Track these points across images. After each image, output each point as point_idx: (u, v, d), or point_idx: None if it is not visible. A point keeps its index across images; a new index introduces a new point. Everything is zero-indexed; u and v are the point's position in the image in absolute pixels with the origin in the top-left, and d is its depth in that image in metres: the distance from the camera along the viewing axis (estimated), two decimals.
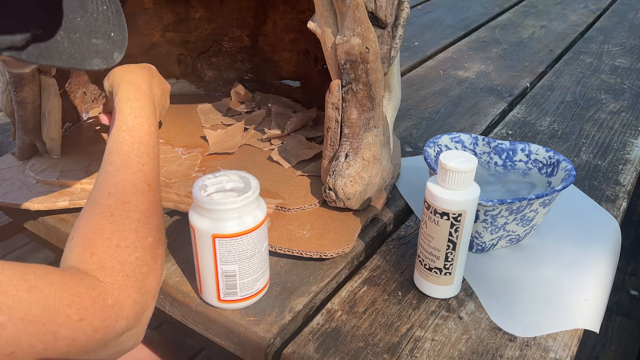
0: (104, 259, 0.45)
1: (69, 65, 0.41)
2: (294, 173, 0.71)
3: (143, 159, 0.55)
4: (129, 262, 0.46)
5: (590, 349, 1.35)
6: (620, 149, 0.87)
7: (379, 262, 0.61)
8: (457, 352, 0.50)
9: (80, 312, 0.40)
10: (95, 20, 0.43)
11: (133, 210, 0.49)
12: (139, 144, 0.56)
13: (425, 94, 1.08)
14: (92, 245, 0.46)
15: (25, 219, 0.68)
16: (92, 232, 0.47)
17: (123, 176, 0.52)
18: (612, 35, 1.43)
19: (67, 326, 0.39)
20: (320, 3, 0.57)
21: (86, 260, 0.45)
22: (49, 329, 0.38)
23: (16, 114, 0.69)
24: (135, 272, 0.46)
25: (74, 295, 0.40)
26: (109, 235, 0.47)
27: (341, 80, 0.59)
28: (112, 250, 0.46)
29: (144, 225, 0.49)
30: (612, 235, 0.66)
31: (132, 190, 0.51)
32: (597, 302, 0.56)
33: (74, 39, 0.41)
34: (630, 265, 1.60)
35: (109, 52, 0.43)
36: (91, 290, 0.42)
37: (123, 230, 0.48)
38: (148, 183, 0.53)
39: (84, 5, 0.42)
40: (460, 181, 0.50)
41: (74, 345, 0.40)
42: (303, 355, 0.49)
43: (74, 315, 0.40)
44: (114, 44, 0.44)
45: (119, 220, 0.48)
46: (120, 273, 0.45)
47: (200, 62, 0.95)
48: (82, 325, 0.40)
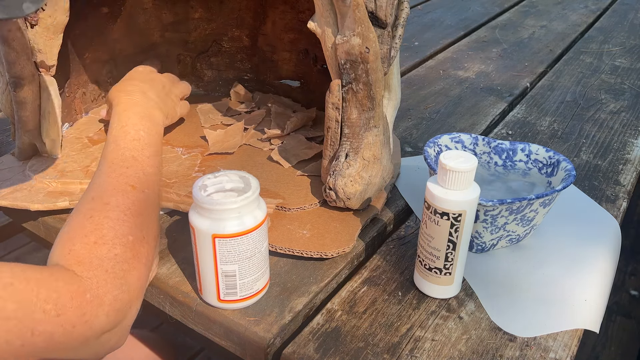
0: (82, 255, 0.46)
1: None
2: (294, 173, 0.71)
3: (127, 162, 0.56)
4: (107, 259, 0.46)
5: (590, 349, 1.35)
6: (620, 149, 0.87)
7: (379, 262, 0.61)
8: (457, 352, 0.50)
9: (58, 308, 0.40)
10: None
11: (112, 210, 0.50)
12: (123, 150, 0.58)
13: (425, 94, 1.08)
14: (71, 243, 0.47)
15: (25, 219, 0.68)
16: (72, 231, 0.48)
17: (105, 179, 0.54)
18: (612, 35, 1.43)
19: (44, 322, 0.40)
20: (320, 3, 0.57)
21: (65, 256, 0.46)
22: (26, 324, 0.38)
23: (16, 114, 0.69)
24: (115, 269, 0.46)
25: (51, 291, 0.41)
26: (87, 233, 0.48)
27: (341, 80, 0.59)
28: (90, 247, 0.46)
29: (124, 223, 0.50)
30: (612, 235, 0.66)
31: (112, 192, 0.52)
32: (597, 302, 0.56)
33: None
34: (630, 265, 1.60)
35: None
36: (69, 285, 0.42)
37: (102, 228, 0.48)
38: (131, 184, 0.54)
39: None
40: (460, 181, 0.50)
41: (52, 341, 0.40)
42: (303, 355, 0.49)
43: (51, 311, 0.40)
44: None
45: (98, 220, 0.49)
46: (98, 268, 0.45)
47: (200, 62, 0.95)
48: (60, 320, 0.41)
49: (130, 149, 0.58)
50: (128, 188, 0.53)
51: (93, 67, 0.82)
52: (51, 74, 0.68)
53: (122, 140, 0.59)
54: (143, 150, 0.59)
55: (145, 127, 0.62)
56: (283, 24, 0.88)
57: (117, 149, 0.58)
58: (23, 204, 0.64)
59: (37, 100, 0.68)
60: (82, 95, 0.82)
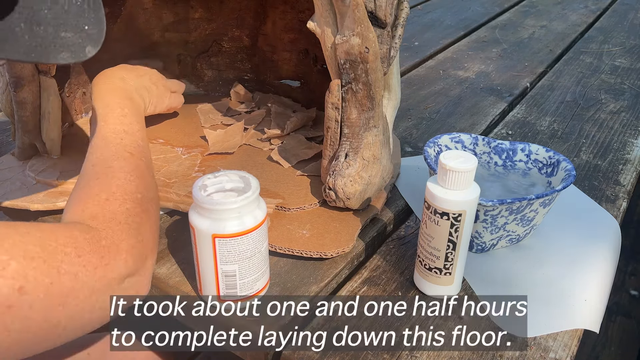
0: (95, 211, 0.47)
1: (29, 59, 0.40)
2: (293, 173, 0.71)
3: (120, 135, 0.57)
4: (120, 212, 0.48)
5: (590, 349, 1.35)
6: (620, 149, 0.87)
7: (379, 262, 0.61)
8: (457, 352, 0.50)
9: (77, 250, 0.42)
10: (65, 13, 0.41)
11: (117, 171, 0.52)
12: (113, 125, 0.58)
13: (425, 94, 1.08)
14: (82, 203, 0.48)
15: (25, 219, 0.68)
16: (81, 193, 0.50)
17: (103, 150, 0.55)
18: (612, 35, 1.43)
19: (67, 262, 0.41)
20: (319, 3, 0.57)
21: (78, 215, 0.47)
22: (51, 264, 0.40)
23: (16, 114, 0.69)
24: (128, 220, 0.48)
25: (68, 237, 0.42)
26: (97, 192, 0.49)
27: (341, 80, 0.59)
28: (102, 203, 0.48)
29: (131, 182, 0.52)
30: (612, 235, 0.66)
31: (113, 158, 0.54)
32: (597, 302, 0.56)
33: (37, 31, 0.39)
34: (630, 265, 1.60)
35: (80, 46, 0.42)
36: (85, 234, 0.44)
37: (110, 186, 0.50)
38: (129, 152, 0.55)
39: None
40: (460, 181, 0.50)
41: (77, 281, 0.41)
42: (303, 355, 0.49)
43: (71, 253, 0.41)
44: (88, 37, 0.43)
45: (105, 180, 0.51)
46: (112, 221, 0.47)
47: (200, 62, 0.95)
48: (81, 260, 0.42)
49: (120, 124, 0.59)
50: (127, 154, 0.55)
51: (93, 67, 0.82)
52: (51, 75, 0.68)
53: (110, 117, 0.59)
54: (132, 125, 0.60)
55: (128, 106, 0.63)
56: (283, 24, 0.88)
57: (107, 125, 0.58)
58: (23, 204, 0.64)
59: (37, 101, 0.68)
60: (82, 95, 0.82)
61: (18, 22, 0.38)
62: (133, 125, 0.60)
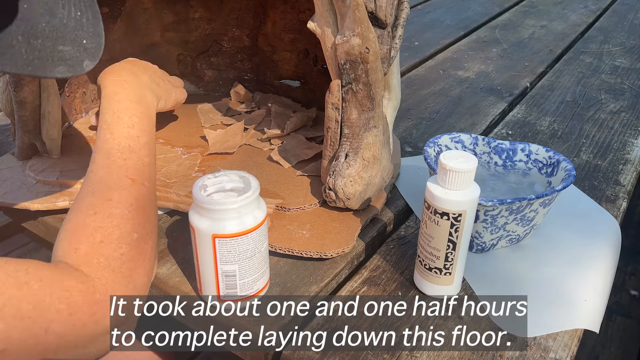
0: (89, 254, 0.46)
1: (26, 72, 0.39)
2: (294, 173, 0.71)
3: (124, 154, 0.55)
4: (114, 258, 0.47)
5: (590, 349, 1.35)
6: (620, 149, 0.87)
7: (379, 262, 0.61)
8: (457, 352, 0.50)
9: (70, 307, 0.41)
10: (64, 27, 0.41)
11: (116, 207, 0.50)
12: (119, 139, 0.55)
13: (425, 94, 1.08)
14: (77, 241, 0.47)
15: (25, 219, 0.68)
16: (77, 229, 0.48)
17: (105, 173, 0.53)
18: (612, 35, 1.43)
19: (57, 321, 0.40)
20: (320, 3, 0.57)
21: (71, 255, 0.46)
22: (40, 324, 0.39)
23: (16, 114, 0.69)
24: (122, 268, 0.47)
25: (63, 290, 0.41)
26: (92, 231, 0.48)
27: (341, 80, 0.59)
28: (96, 246, 0.47)
29: (128, 221, 0.50)
30: (612, 235, 0.66)
31: (114, 187, 0.52)
32: (597, 302, 0.56)
33: (35, 45, 0.39)
34: (630, 265, 1.60)
35: (78, 59, 0.42)
36: (80, 284, 0.43)
37: (107, 227, 0.48)
38: (131, 178, 0.53)
39: (52, 11, 0.40)
40: (460, 181, 0.50)
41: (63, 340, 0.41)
42: (303, 355, 0.49)
43: (64, 311, 0.41)
44: (86, 51, 0.42)
45: (102, 217, 0.49)
46: (106, 269, 0.46)
47: (200, 62, 0.95)
48: (72, 319, 0.41)
49: (126, 137, 0.56)
50: (128, 182, 0.53)
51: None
52: None
53: (116, 127, 0.56)
54: (139, 138, 0.57)
55: (138, 112, 0.59)
56: (283, 24, 0.88)
57: (112, 138, 0.55)
58: (23, 204, 0.64)
59: (37, 100, 0.68)
60: (82, 95, 0.82)
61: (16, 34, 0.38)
62: (140, 138, 0.57)
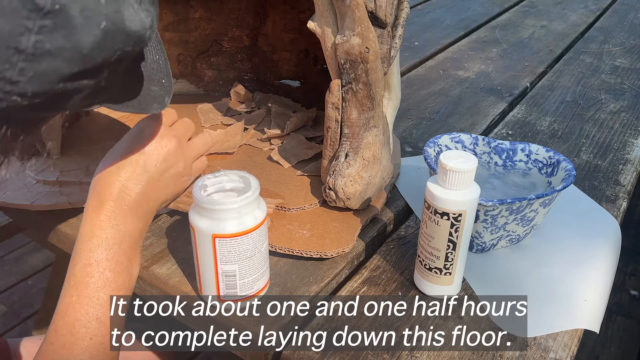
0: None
1: (140, 111, 0.45)
2: (294, 173, 0.71)
3: (91, 330, 0.47)
4: None
5: (590, 349, 1.35)
6: (620, 149, 0.87)
7: (379, 262, 0.61)
8: (457, 352, 0.50)
9: None
10: (152, 70, 0.46)
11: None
12: (87, 307, 0.47)
13: (425, 94, 1.08)
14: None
15: (25, 219, 0.68)
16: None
17: (66, 353, 0.46)
18: (612, 35, 1.43)
19: None
20: (320, 3, 0.57)
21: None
22: None
23: None
24: None
25: None
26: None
27: (341, 80, 0.59)
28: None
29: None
30: (612, 235, 0.66)
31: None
32: (597, 302, 0.56)
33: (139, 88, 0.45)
34: (630, 265, 1.60)
35: (162, 97, 0.47)
36: None
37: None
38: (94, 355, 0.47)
39: (145, 56, 0.45)
40: (460, 181, 0.50)
41: None
42: (303, 355, 0.49)
43: None
44: (164, 89, 0.47)
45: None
46: None
47: (200, 62, 0.95)
48: None
49: (95, 305, 0.48)
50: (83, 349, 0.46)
51: None
52: None
53: (85, 289, 0.48)
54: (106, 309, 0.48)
55: (111, 266, 0.49)
56: (283, 24, 0.88)
57: (80, 304, 0.47)
58: (23, 204, 0.64)
59: None
60: None
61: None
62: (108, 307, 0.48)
